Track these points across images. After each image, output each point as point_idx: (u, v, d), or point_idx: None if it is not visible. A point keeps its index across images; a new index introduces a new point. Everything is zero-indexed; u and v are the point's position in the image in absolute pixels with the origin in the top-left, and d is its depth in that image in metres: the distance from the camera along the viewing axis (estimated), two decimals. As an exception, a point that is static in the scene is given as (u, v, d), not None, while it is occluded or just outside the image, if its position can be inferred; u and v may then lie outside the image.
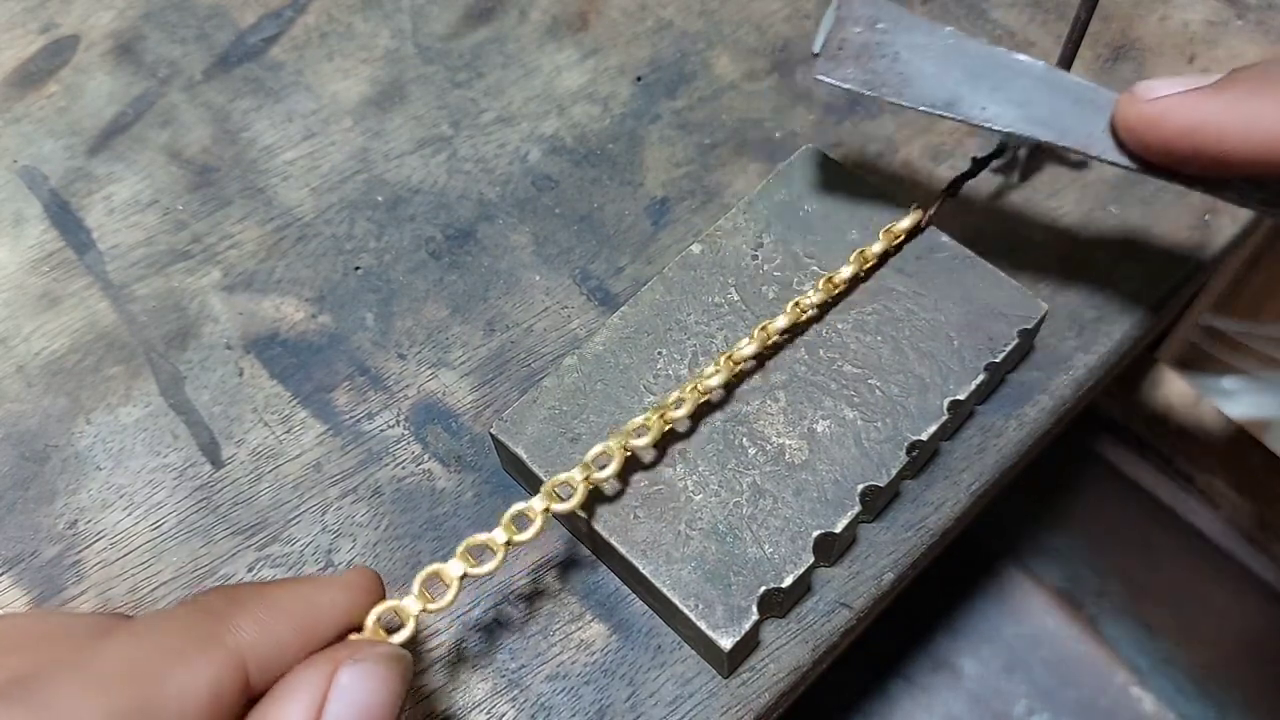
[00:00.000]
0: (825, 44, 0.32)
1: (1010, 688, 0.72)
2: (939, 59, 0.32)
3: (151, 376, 0.37)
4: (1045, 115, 0.31)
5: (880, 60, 0.32)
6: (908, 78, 0.31)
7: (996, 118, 0.31)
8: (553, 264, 0.39)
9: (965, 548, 0.49)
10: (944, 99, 0.31)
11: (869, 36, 0.32)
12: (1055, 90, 0.31)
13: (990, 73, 0.31)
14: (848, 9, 0.32)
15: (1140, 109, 0.28)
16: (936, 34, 0.32)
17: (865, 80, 0.31)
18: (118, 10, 0.45)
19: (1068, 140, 0.30)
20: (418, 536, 0.34)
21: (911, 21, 0.32)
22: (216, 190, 0.41)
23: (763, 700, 0.31)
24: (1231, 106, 0.26)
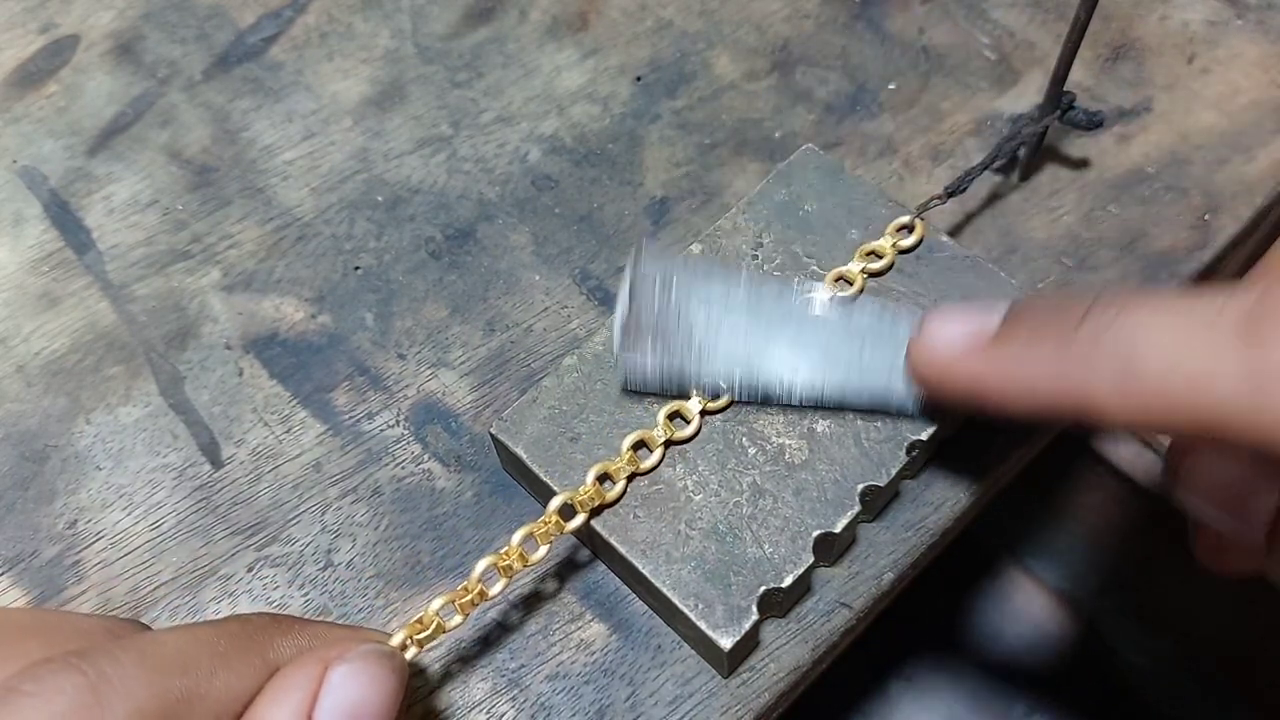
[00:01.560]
0: (624, 327, 0.31)
1: (1010, 688, 0.72)
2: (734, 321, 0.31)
3: (151, 376, 0.37)
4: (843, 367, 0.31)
5: (678, 334, 0.31)
6: (704, 350, 0.31)
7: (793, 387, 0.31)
8: (552, 264, 0.39)
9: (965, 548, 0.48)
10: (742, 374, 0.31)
11: (661, 300, 0.31)
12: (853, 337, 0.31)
13: (786, 326, 0.31)
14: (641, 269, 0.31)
15: (925, 363, 0.28)
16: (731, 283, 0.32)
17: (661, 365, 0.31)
18: (117, 10, 0.45)
19: (863, 399, 0.31)
20: (418, 536, 0.34)
21: (705, 272, 0.32)
22: (216, 190, 0.41)
23: (763, 700, 0.31)
24: (1005, 368, 0.26)
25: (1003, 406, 0.26)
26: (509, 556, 0.29)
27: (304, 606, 0.33)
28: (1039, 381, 0.25)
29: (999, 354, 0.26)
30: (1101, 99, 0.41)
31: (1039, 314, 0.26)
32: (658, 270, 0.32)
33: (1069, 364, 0.24)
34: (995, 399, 0.26)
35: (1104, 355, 0.23)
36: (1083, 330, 0.24)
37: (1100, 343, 0.23)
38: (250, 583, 0.33)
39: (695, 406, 0.32)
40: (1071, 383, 0.24)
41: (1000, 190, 0.39)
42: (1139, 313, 0.23)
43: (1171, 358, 0.22)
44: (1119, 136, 0.41)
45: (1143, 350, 0.23)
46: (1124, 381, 0.23)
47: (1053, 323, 0.25)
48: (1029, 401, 0.25)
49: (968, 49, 0.43)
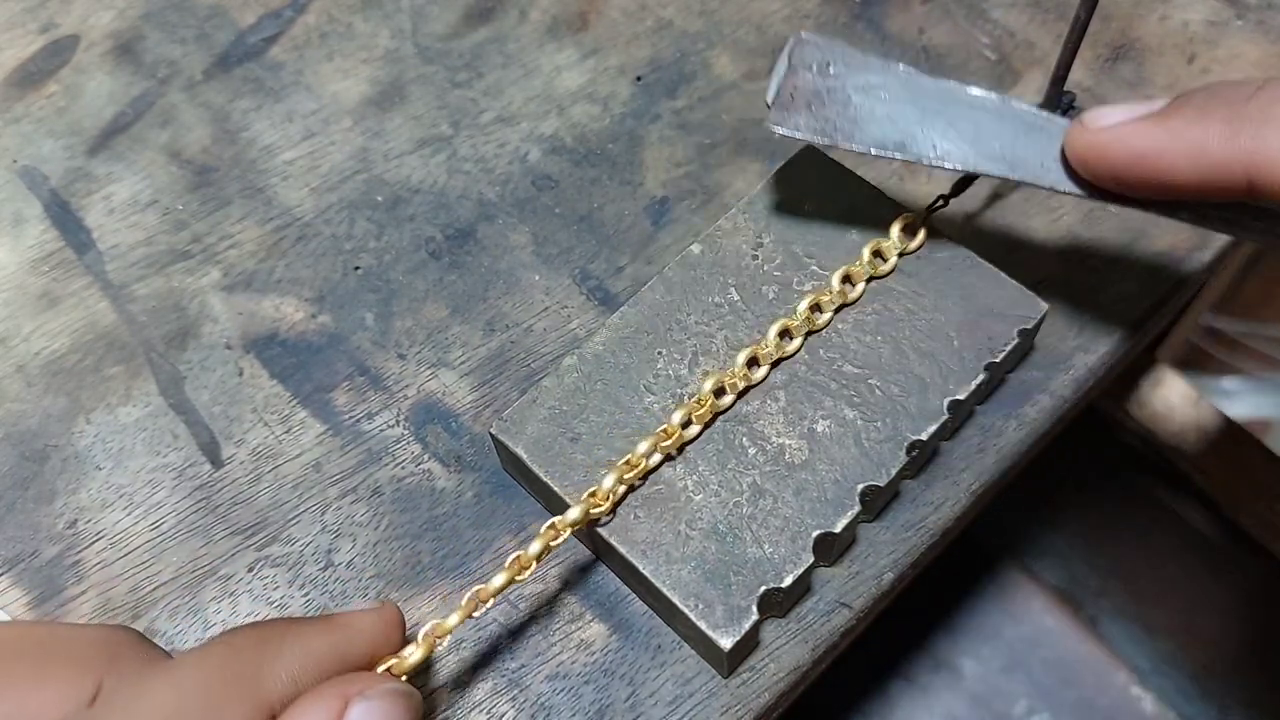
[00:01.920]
0: (778, 93, 0.32)
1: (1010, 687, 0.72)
2: (891, 99, 0.32)
3: (151, 376, 0.37)
4: (998, 150, 0.31)
5: (832, 106, 0.32)
6: (859, 122, 0.32)
7: (948, 155, 0.31)
8: (552, 264, 0.39)
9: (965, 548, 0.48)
10: (896, 140, 0.31)
11: (820, 82, 0.32)
12: (1008, 122, 0.31)
13: (943, 109, 0.31)
14: (799, 55, 0.32)
15: (1088, 138, 0.28)
16: (889, 72, 0.32)
17: (817, 128, 0.32)
18: (118, 10, 0.45)
19: (1019, 173, 0.31)
20: (418, 536, 0.34)
21: (863, 61, 0.32)
22: (216, 190, 0.41)
23: (763, 700, 0.31)
24: (1176, 134, 0.26)
25: (1168, 179, 0.26)
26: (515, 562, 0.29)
27: (304, 606, 0.33)
28: (1209, 146, 0.25)
29: (1167, 124, 0.26)
30: (1101, 99, 0.41)
31: (1208, 90, 0.26)
32: (816, 55, 0.32)
33: (1240, 131, 0.24)
34: (1161, 171, 0.26)
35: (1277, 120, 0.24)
36: (1256, 98, 0.25)
37: (1274, 107, 0.24)
38: (250, 582, 0.33)
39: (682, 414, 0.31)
40: (1243, 146, 0.24)
41: (1000, 190, 0.39)
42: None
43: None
44: (1119, 136, 0.40)
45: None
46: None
47: (1223, 94, 0.26)
48: (1196, 171, 0.26)
49: (968, 49, 0.43)
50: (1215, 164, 0.25)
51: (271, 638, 0.24)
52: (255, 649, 0.24)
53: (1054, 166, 0.30)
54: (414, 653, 0.27)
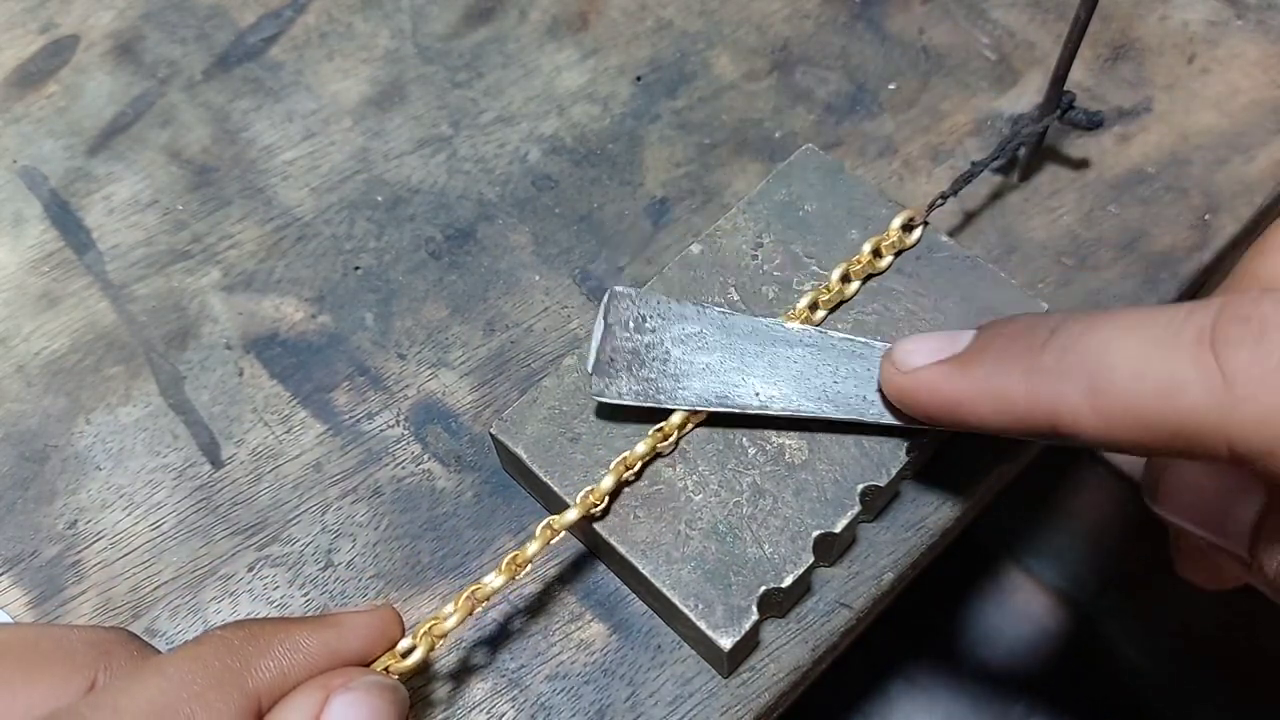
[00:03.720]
0: (597, 359, 0.32)
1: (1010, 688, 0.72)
2: (710, 347, 0.32)
3: (151, 376, 0.37)
4: (819, 388, 0.31)
5: (652, 364, 0.32)
6: (680, 377, 0.31)
7: (771, 400, 0.31)
8: (552, 264, 0.39)
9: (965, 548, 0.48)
10: (717, 393, 0.31)
11: (638, 339, 0.32)
12: (827, 356, 0.31)
13: (763, 350, 0.32)
14: (613, 313, 0.32)
15: (899, 381, 0.28)
16: (705, 318, 0.32)
17: (640, 390, 0.31)
18: (117, 10, 0.45)
19: (843, 412, 0.31)
20: (418, 536, 0.34)
21: (678, 311, 0.32)
22: (216, 190, 0.41)
23: (763, 700, 0.31)
24: (978, 384, 0.26)
25: (975, 423, 0.26)
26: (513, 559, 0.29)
27: (304, 606, 0.33)
28: (1010, 397, 0.25)
29: (968, 372, 0.26)
30: (1101, 99, 0.41)
31: (1006, 334, 0.26)
32: (630, 310, 0.32)
33: (1038, 379, 0.24)
34: (967, 416, 0.27)
35: (1072, 369, 0.24)
36: (1050, 346, 0.24)
37: (1068, 357, 0.24)
38: (251, 582, 0.33)
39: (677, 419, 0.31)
40: (1042, 397, 0.24)
41: (1000, 190, 0.39)
42: (1105, 328, 0.23)
43: (1138, 368, 0.22)
44: (1119, 136, 0.41)
45: (1110, 361, 0.23)
46: (1093, 395, 0.23)
47: (1020, 341, 0.25)
48: (1000, 418, 0.26)
49: (968, 49, 0.43)
50: (1019, 414, 0.25)
51: (262, 633, 0.24)
52: (245, 643, 0.24)
53: (875, 400, 0.31)
54: (414, 653, 0.27)
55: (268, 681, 0.23)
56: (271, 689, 0.24)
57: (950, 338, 0.28)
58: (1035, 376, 0.25)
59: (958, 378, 0.27)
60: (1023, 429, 0.25)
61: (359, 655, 0.26)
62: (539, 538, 0.29)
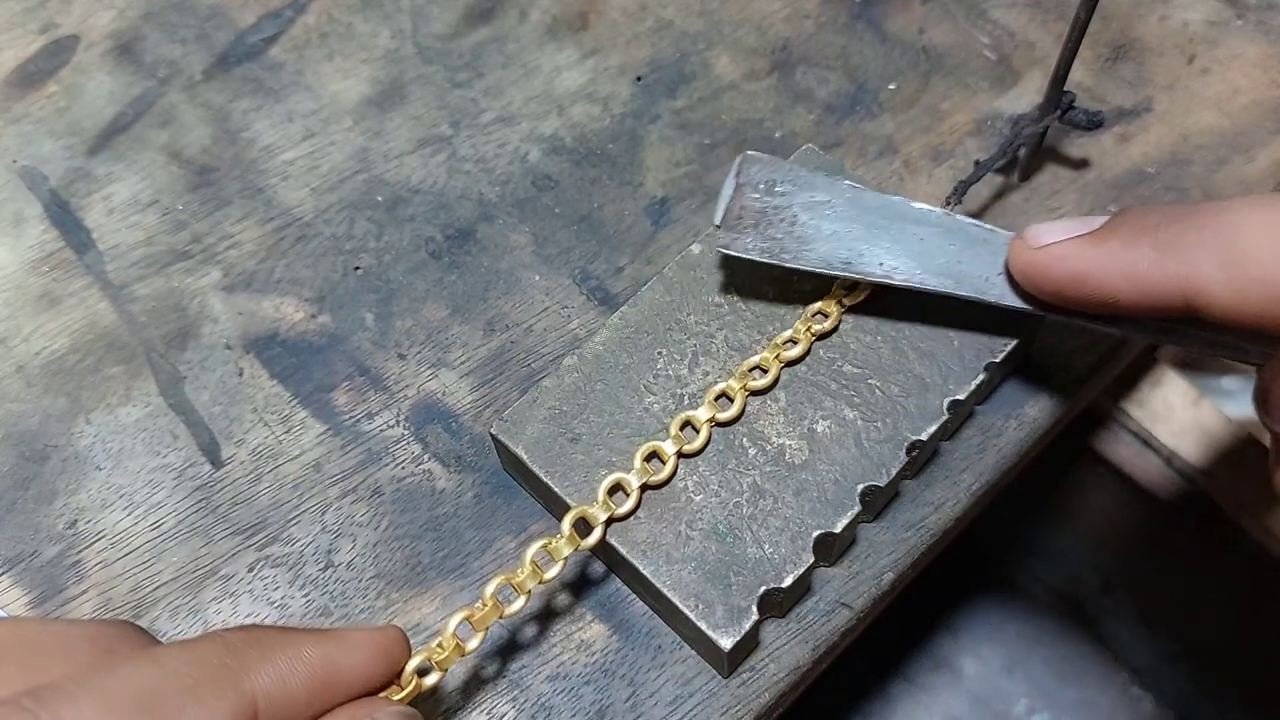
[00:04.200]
0: (725, 214, 0.33)
1: (1010, 687, 0.72)
2: (838, 216, 0.32)
3: (151, 376, 0.37)
4: (942, 265, 0.31)
5: (779, 224, 0.32)
6: (806, 240, 0.32)
7: (894, 271, 0.31)
8: (552, 264, 0.39)
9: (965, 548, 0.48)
10: (842, 258, 0.32)
11: (767, 201, 0.33)
12: (953, 237, 0.32)
13: (889, 225, 0.32)
14: (746, 175, 0.33)
15: (1028, 256, 0.29)
16: (835, 189, 0.33)
17: (765, 248, 0.32)
18: (118, 10, 0.45)
19: (964, 289, 0.31)
20: (418, 537, 0.34)
21: (809, 180, 0.33)
22: (216, 190, 0.41)
23: (763, 700, 0.31)
24: (1112, 256, 0.27)
25: (1105, 297, 0.27)
26: (523, 573, 0.29)
27: (304, 606, 0.33)
28: (1143, 269, 0.26)
29: (1103, 245, 0.27)
30: (1102, 99, 0.41)
31: (1140, 212, 0.27)
32: (762, 174, 0.33)
33: (1172, 252, 0.25)
34: (1098, 289, 0.27)
35: (1210, 243, 0.25)
36: (1189, 222, 0.25)
37: (1206, 231, 0.25)
38: (251, 583, 0.33)
39: (704, 415, 0.31)
40: (1180, 269, 0.25)
41: (1001, 190, 0.39)
42: (1239, 206, 0.25)
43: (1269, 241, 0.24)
44: (1119, 136, 0.41)
45: (1246, 236, 0.24)
46: (1229, 268, 0.24)
47: (1154, 218, 0.26)
48: (1132, 290, 0.26)
49: (968, 49, 0.43)
50: (1151, 285, 0.26)
51: (264, 638, 0.24)
52: (245, 645, 0.24)
53: (998, 281, 0.31)
54: (430, 675, 0.27)
55: (265, 686, 0.23)
56: (269, 694, 0.23)
57: (1084, 220, 0.28)
58: (1169, 249, 0.25)
59: (1091, 250, 0.27)
60: (1153, 303, 0.26)
61: (359, 670, 0.25)
62: (557, 558, 0.29)
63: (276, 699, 0.23)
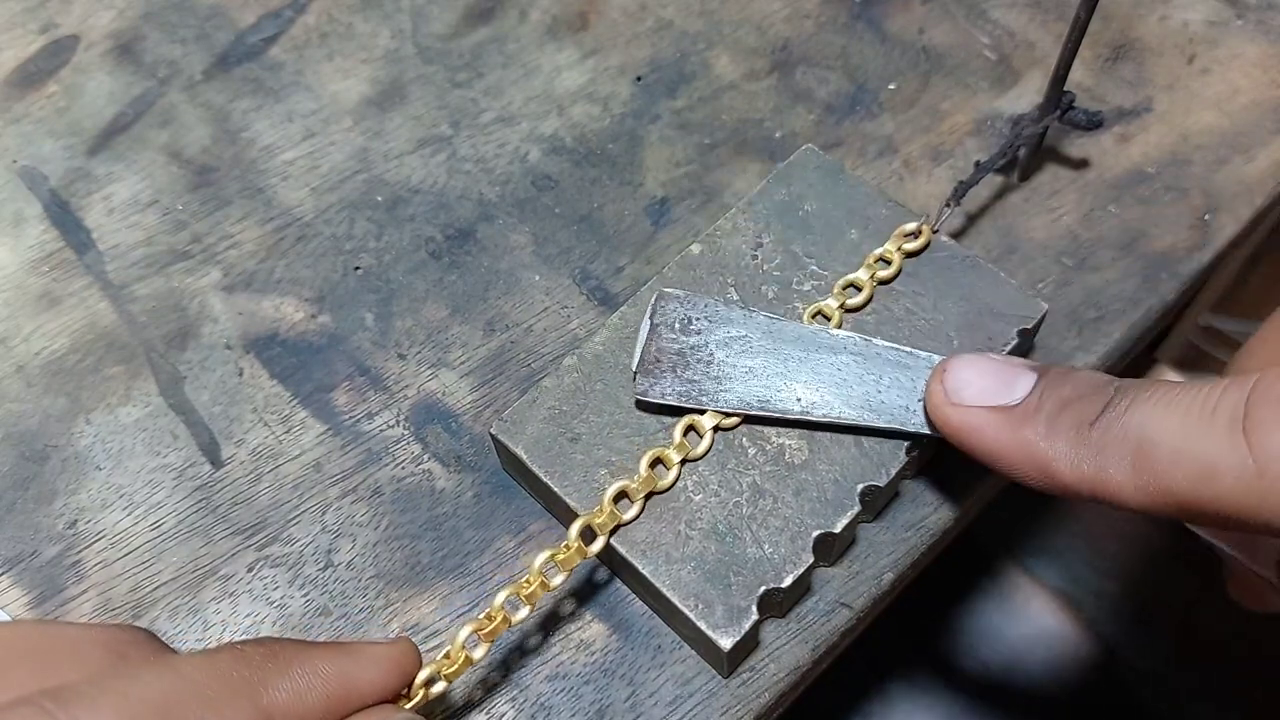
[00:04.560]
0: (642, 358, 0.32)
1: (1010, 688, 0.72)
2: (754, 350, 0.32)
3: (151, 376, 0.37)
4: (861, 395, 0.31)
5: (696, 365, 0.32)
6: (723, 379, 0.32)
7: (812, 407, 0.31)
8: (552, 264, 0.39)
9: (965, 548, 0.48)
10: (759, 396, 0.31)
11: (684, 341, 0.32)
12: (871, 365, 0.31)
13: (805, 356, 0.32)
14: (661, 314, 0.32)
15: (945, 412, 0.28)
16: (751, 323, 0.32)
17: (682, 392, 0.31)
18: (118, 10, 0.45)
19: (884, 420, 0.31)
20: (417, 537, 0.34)
21: (725, 315, 0.32)
22: (216, 190, 0.41)
23: (762, 700, 0.31)
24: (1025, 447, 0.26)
25: (1016, 478, 0.27)
26: (531, 584, 0.29)
27: (304, 606, 0.33)
28: (1055, 467, 0.26)
29: (1018, 432, 0.27)
30: (1101, 99, 0.41)
31: (1062, 398, 0.26)
32: (677, 311, 0.32)
33: (1084, 453, 0.25)
34: (1008, 469, 0.27)
35: (1117, 445, 0.25)
36: (1097, 427, 0.25)
37: (1113, 433, 0.25)
38: (251, 583, 0.33)
39: (709, 422, 0.31)
40: (1086, 472, 0.25)
41: (1001, 190, 0.39)
42: (1148, 404, 0.25)
43: (1176, 448, 0.24)
44: (1119, 136, 0.41)
45: (1152, 440, 0.24)
46: (1135, 474, 0.24)
47: (1074, 411, 0.26)
48: (1042, 482, 0.26)
49: (968, 49, 0.43)
50: (1062, 483, 0.26)
51: (280, 652, 0.24)
52: (263, 658, 0.24)
53: (919, 410, 0.31)
54: (436, 684, 0.27)
55: (282, 701, 0.23)
56: (286, 709, 0.23)
57: (1006, 378, 0.28)
58: (1082, 450, 0.25)
59: (1006, 432, 0.27)
60: (1062, 495, 0.26)
61: (374, 685, 0.26)
62: (562, 566, 0.29)
63: (292, 713, 0.23)
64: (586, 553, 0.29)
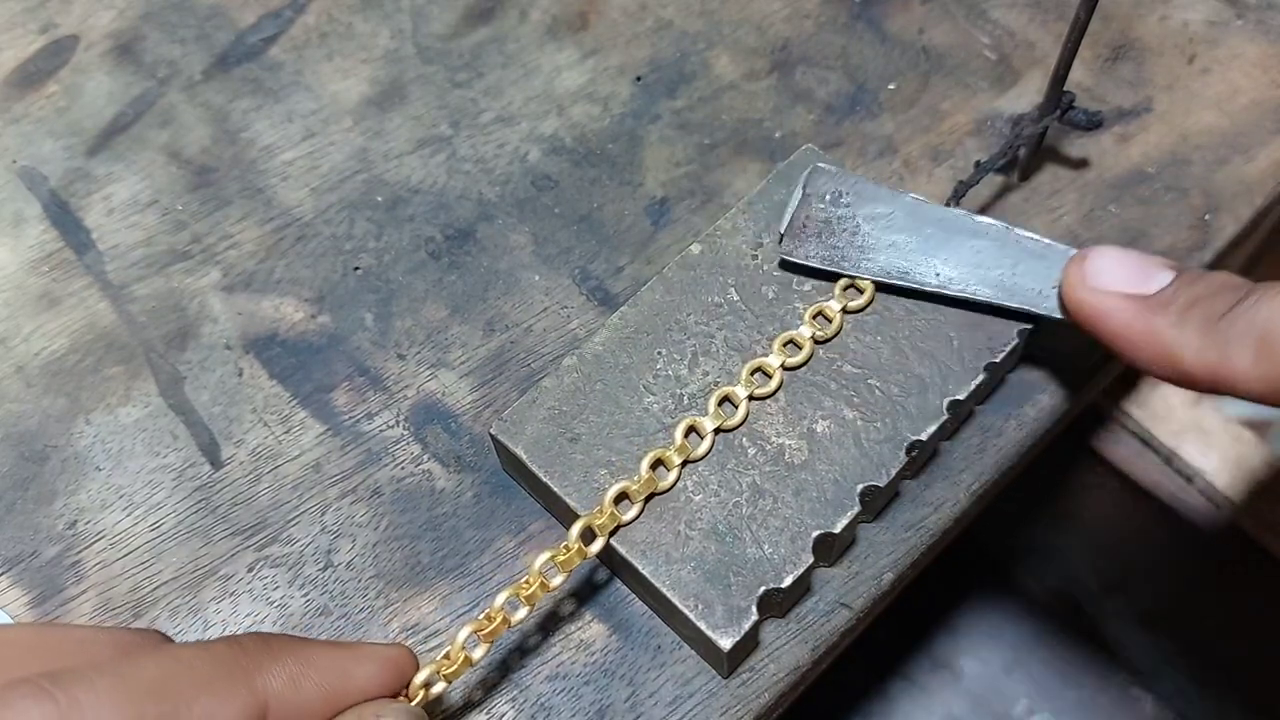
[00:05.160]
0: (790, 221, 0.34)
1: (1010, 687, 0.72)
2: (899, 227, 0.33)
3: (151, 377, 0.37)
4: (997, 277, 0.32)
5: (842, 234, 0.33)
6: (866, 249, 0.33)
7: (950, 281, 0.33)
8: (552, 264, 0.39)
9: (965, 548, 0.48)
10: (900, 267, 0.33)
11: (831, 212, 0.34)
12: (1009, 250, 0.33)
13: (948, 237, 0.33)
14: (813, 185, 0.34)
15: (1081, 294, 0.30)
16: (898, 201, 0.34)
17: (826, 256, 0.33)
18: (117, 10, 0.45)
19: (1017, 301, 0.32)
20: (417, 537, 0.34)
21: (873, 192, 0.34)
22: (216, 190, 0.41)
23: (763, 700, 0.31)
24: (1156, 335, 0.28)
25: (1140, 363, 0.28)
26: (531, 585, 0.29)
27: (304, 607, 0.33)
28: (1181, 356, 0.27)
29: (1150, 319, 0.28)
30: (1101, 99, 0.41)
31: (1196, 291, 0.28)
32: (829, 185, 0.34)
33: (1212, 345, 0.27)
34: (1135, 354, 0.28)
35: (1242, 337, 0.26)
36: (1226, 320, 0.27)
37: (1239, 327, 0.26)
38: (250, 583, 0.33)
39: (710, 424, 0.31)
40: (1212, 359, 0.26)
41: (1001, 190, 0.39)
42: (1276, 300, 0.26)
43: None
44: (1119, 136, 0.41)
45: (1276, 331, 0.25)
46: (1259, 361, 0.26)
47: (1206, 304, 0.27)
48: (1169, 369, 0.28)
49: (968, 49, 0.43)
50: (1184, 372, 0.27)
51: (275, 642, 0.25)
52: (258, 648, 0.24)
53: (1051, 295, 0.32)
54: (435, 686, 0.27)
55: (277, 688, 0.23)
56: (281, 695, 0.23)
57: (1144, 270, 0.29)
58: (1209, 339, 0.27)
59: (1138, 319, 0.28)
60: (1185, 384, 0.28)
61: (370, 681, 0.26)
62: (562, 567, 0.29)
63: (288, 701, 0.24)
64: (586, 553, 0.29)
